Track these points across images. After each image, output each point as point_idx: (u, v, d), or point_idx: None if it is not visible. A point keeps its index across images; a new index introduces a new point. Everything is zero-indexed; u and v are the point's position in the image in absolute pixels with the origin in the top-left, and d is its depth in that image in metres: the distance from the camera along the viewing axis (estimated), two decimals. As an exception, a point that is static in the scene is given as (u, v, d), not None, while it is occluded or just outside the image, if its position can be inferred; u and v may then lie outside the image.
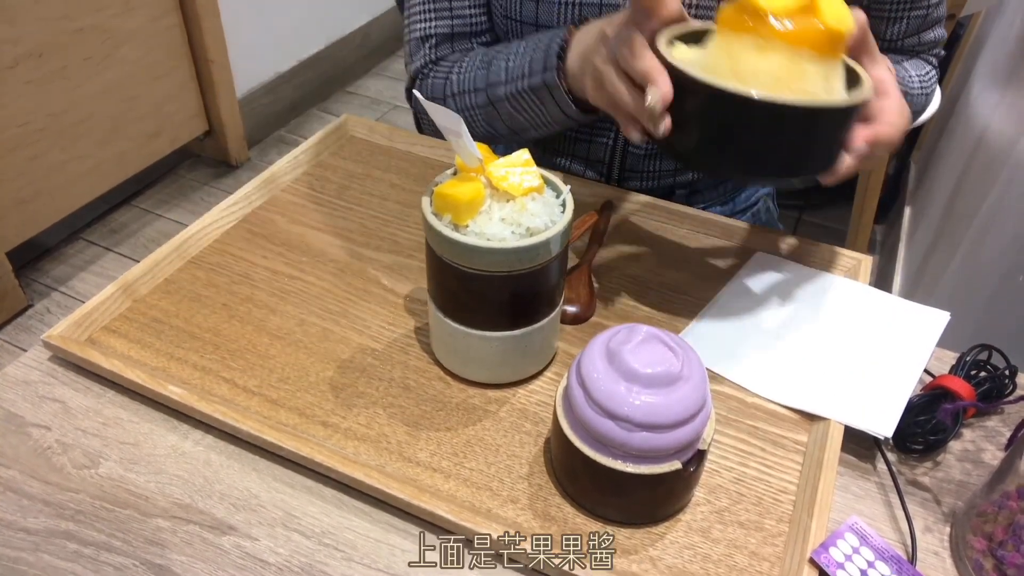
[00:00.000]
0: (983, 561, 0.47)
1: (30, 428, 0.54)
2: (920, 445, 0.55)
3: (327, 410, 0.55)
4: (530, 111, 0.69)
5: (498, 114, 0.71)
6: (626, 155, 0.81)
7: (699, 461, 0.47)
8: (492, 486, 0.51)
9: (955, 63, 1.86)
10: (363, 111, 2.45)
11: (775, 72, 0.49)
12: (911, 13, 0.75)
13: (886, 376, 0.57)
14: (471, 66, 0.73)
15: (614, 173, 0.83)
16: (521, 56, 0.68)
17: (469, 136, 0.49)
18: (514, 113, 0.70)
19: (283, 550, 0.47)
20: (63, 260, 1.81)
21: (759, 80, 0.49)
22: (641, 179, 0.82)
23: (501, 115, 0.71)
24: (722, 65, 0.51)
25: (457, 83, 0.74)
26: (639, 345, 0.46)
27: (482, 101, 0.72)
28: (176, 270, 0.66)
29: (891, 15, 0.75)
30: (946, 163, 1.67)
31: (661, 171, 0.82)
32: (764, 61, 0.49)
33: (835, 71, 0.51)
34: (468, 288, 0.52)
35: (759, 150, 0.52)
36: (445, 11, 0.77)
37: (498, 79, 0.70)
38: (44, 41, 1.59)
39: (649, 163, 0.82)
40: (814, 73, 0.50)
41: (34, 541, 0.47)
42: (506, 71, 0.69)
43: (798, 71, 0.49)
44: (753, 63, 0.49)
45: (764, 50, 0.49)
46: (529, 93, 0.67)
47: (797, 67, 0.49)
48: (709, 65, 0.51)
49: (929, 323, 0.62)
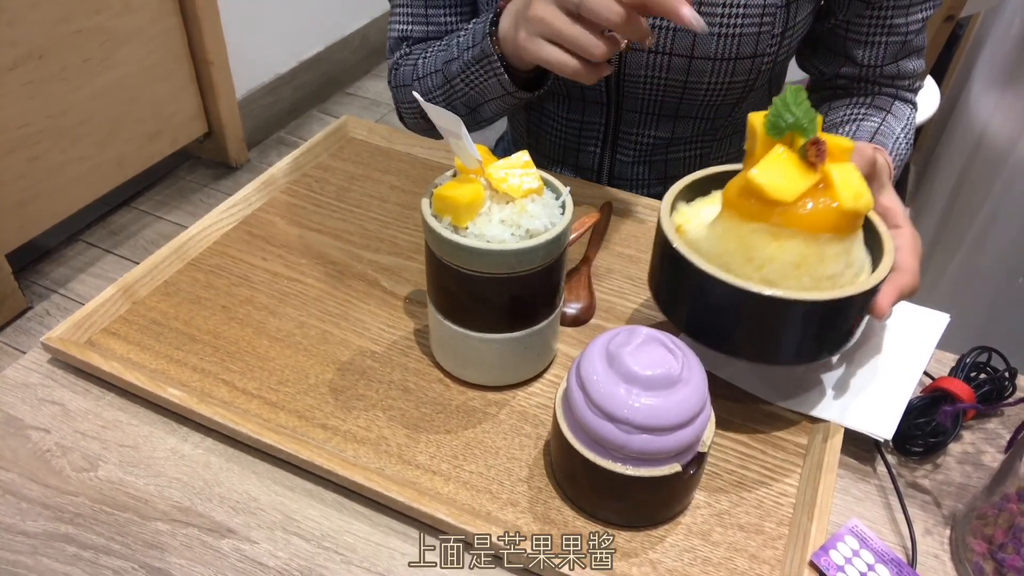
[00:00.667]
0: (983, 564, 0.47)
1: (29, 431, 0.54)
2: (920, 447, 0.55)
3: (327, 413, 0.55)
4: (479, 85, 0.69)
5: (455, 92, 0.71)
6: (614, 163, 0.82)
7: (699, 464, 0.47)
8: (492, 489, 0.50)
9: (954, 64, 1.86)
10: (363, 112, 2.46)
11: (793, 260, 0.46)
12: (888, 39, 0.74)
13: (886, 378, 0.57)
14: (435, 49, 0.74)
15: (603, 180, 0.83)
16: (468, 29, 0.69)
17: (468, 137, 0.49)
18: (467, 89, 0.70)
19: (283, 553, 0.47)
20: (62, 262, 1.81)
21: (775, 269, 0.47)
22: (629, 187, 0.83)
23: (457, 92, 0.71)
24: (733, 252, 0.48)
25: (422, 67, 0.75)
26: (639, 347, 0.46)
27: (440, 81, 0.72)
28: (175, 272, 0.66)
29: (868, 39, 0.74)
30: (946, 164, 1.67)
31: (650, 179, 0.83)
32: (780, 250, 0.46)
33: (855, 242, 0.49)
34: (468, 290, 0.52)
35: (782, 340, 0.50)
36: (421, 18, 0.78)
37: (452, 56, 0.70)
38: (43, 43, 1.59)
39: (636, 170, 0.82)
40: (834, 254, 0.47)
41: (33, 544, 0.47)
42: (457, 46, 0.70)
43: (817, 255, 0.46)
44: (769, 252, 0.47)
45: (779, 237, 0.46)
46: (474, 64, 0.67)
47: (816, 251, 0.46)
48: (718, 251, 0.49)
49: (929, 325, 0.62)
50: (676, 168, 0.82)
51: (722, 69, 0.71)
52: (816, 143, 0.46)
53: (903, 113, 0.77)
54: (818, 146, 0.46)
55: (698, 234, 0.51)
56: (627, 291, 0.66)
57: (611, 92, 0.76)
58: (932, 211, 1.63)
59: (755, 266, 0.47)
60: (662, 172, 0.82)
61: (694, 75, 0.72)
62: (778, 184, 0.46)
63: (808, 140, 0.46)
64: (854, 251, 0.48)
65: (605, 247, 0.70)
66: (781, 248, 0.46)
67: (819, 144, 0.46)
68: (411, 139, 0.83)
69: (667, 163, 0.82)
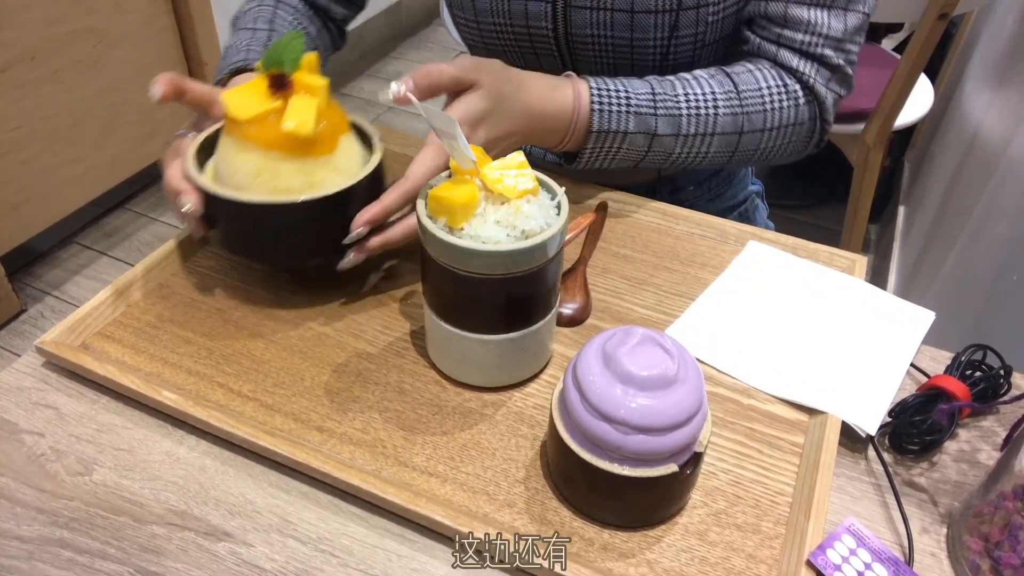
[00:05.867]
0: (980, 562, 0.47)
1: (23, 435, 0.53)
2: (916, 446, 0.55)
3: (322, 415, 0.55)
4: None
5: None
6: None
7: (695, 464, 0.47)
8: (488, 490, 0.50)
9: (948, 62, 1.87)
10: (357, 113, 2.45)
11: (252, 170, 0.56)
12: None
13: (871, 372, 0.58)
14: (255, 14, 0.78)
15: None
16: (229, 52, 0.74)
17: (464, 138, 0.49)
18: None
19: (279, 556, 0.47)
20: (56, 264, 1.80)
21: (241, 178, 0.56)
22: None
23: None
24: (219, 165, 0.59)
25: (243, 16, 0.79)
26: (635, 348, 0.46)
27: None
28: (170, 274, 0.66)
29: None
30: (940, 162, 1.67)
31: None
32: (243, 161, 0.56)
33: (320, 162, 0.57)
34: (463, 291, 0.51)
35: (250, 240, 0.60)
36: None
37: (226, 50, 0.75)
38: (36, 44, 1.58)
39: None
40: (289, 170, 0.56)
41: (28, 550, 0.47)
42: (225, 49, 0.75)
43: (271, 169, 0.56)
44: (236, 162, 0.56)
45: (243, 151, 0.56)
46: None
47: (270, 165, 0.56)
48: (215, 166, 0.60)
49: (915, 321, 0.62)
50: None
51: (665, 22, 0.69)
52: (278, 76, 0.56)
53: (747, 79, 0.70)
54: (280, 79, 0.56)
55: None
56: (623, 291, 0.66)
57: (563, 53, 0.75)
58: (926, 209, 1.64)
59: (229, 174, 0.57)
60: None
61: (639, 31, 0.70)
62: (238, 103, 0.56)
63: (272, 73, 0.56)
64: (319, 172, 0.57)
65: (601, 247, 0.70)
66: (244, 160, 0.56)
67: (281, 77, 0.56)
68: (406, 140, 0.83)
69: None
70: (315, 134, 0.56)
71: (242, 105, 0.56)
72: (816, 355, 0.60)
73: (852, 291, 0.65)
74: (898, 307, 0.64)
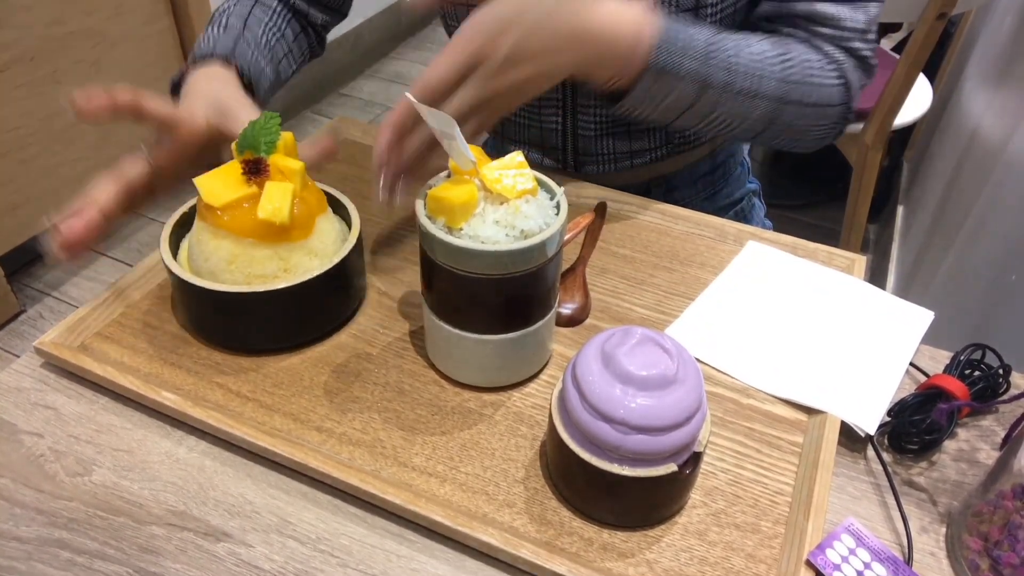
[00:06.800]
0: (979, 561, 0.47)
1: (22, 435, 0.53)
2: (915, 445, 0.55)
3: (321, 415, 0.55)
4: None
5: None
6: (577, 137, 0.80)
7: (695, 463, 0.47)
8: (488, 490, 0.50)
9: (946, 62, 1.87)
10: (356, 113, 2.45)
11: (225, 256, 0.55)
12: None
13: (870, 371, 0.58)
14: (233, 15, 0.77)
15: (569, 158, 0.82)
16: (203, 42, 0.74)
17: (462, 138, 0.49)
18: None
19: (278, 557, 0.47)
20: (55, 265, 1.80)
21: (214, 264, 0.56)
22: (598, 162, 0.82)
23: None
24: (192, 249, 0.58)
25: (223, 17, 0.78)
26: (634, 347, 0.46)
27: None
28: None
29: None
30: (939, 162, 1.67)
31: (616, 153, 0.81)
32: (217, 248, 0.55)
33: (294, 248, 0.56)
34: (462, 291, 0.51)
35: (224, 327, 0.59)
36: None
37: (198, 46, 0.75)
38: (35, 45, 1.58)
39: (601, 143, 0.80)
40: (263, 256, 0.55)
41: (27, 550, 0.47)
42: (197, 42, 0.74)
43: (246, 256, 0.55)
44: (210, 248, 0.56)
45: (217, 237, 0.55)
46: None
47: (244, 252, 0.55)
48: (189, 246, 0.59)
49: (914, 321, 0.62)
50: (641, 141, 0.80)
51: None
52: (254, 161, 0.55)
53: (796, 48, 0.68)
54: (255, 163, 0.54)
55: None
56: (622, 291, 0.66)
57: None
58: (925, 208, 1.64)
59: (203, 259, 0.56)
60: (627, 147, 0.81)
61: None
62: (211, 190, 0.55)
63: (246, 158, 0.55)
64: (293, 257, 0.56)
65: (600, 247, 0.70)
66: (217, 246, 0.55)
67: (257, 162, 0.55)
68: (405, 140, 0.83)
69: (631, 135, 0.80)
70: (291, 220, 0.54)
71: (216, 191, 0.55)
72: (815, 355, 0.60)
73: (851, 291, 0.65)
74: (897, 306, 0.64)
